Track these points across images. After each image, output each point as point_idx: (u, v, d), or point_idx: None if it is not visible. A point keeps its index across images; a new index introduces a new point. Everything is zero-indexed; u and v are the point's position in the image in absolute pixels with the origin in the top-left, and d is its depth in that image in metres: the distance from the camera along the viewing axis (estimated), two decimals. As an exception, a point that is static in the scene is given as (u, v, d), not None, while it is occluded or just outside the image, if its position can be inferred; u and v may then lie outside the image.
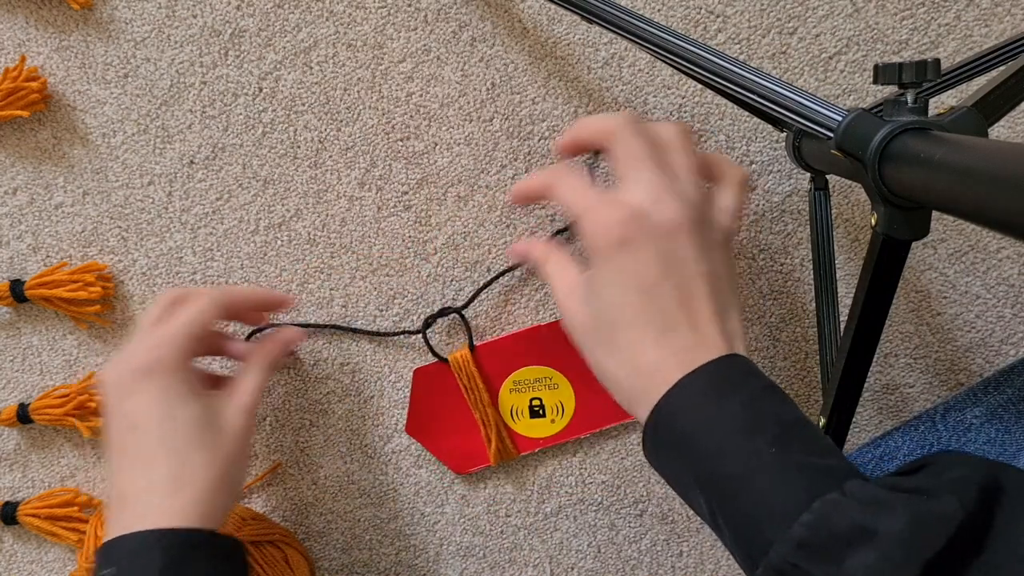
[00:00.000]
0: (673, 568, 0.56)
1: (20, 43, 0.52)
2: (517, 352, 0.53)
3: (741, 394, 0.34)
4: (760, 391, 0.35)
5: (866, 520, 0.29)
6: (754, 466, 0.32)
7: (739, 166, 0.42)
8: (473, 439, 0.54)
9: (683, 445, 0.35)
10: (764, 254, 0.53)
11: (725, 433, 0.33)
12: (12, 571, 0.56)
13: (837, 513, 0.30)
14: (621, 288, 0.37)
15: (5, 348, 0.55)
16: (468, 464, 0.54)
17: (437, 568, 0.56)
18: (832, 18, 0.51)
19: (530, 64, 0.52)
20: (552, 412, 0.53)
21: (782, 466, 0.32)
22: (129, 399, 0.42)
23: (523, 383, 0.53)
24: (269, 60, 0.51)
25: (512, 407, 0.53)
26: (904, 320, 0.54)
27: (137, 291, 0.54)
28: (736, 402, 0.34)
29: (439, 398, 0.54)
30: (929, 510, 0.28)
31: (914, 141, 0.32)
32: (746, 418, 0.34)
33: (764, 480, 0.32)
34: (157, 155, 0.53)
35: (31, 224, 0.53)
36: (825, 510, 0.30)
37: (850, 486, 0.31)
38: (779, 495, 0.31)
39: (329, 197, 0.53)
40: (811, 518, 0.30)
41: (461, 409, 0.53)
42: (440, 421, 0.54)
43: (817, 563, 0.29)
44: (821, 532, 0.29)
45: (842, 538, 0.29)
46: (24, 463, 0.56)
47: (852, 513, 0.29)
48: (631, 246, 0.37)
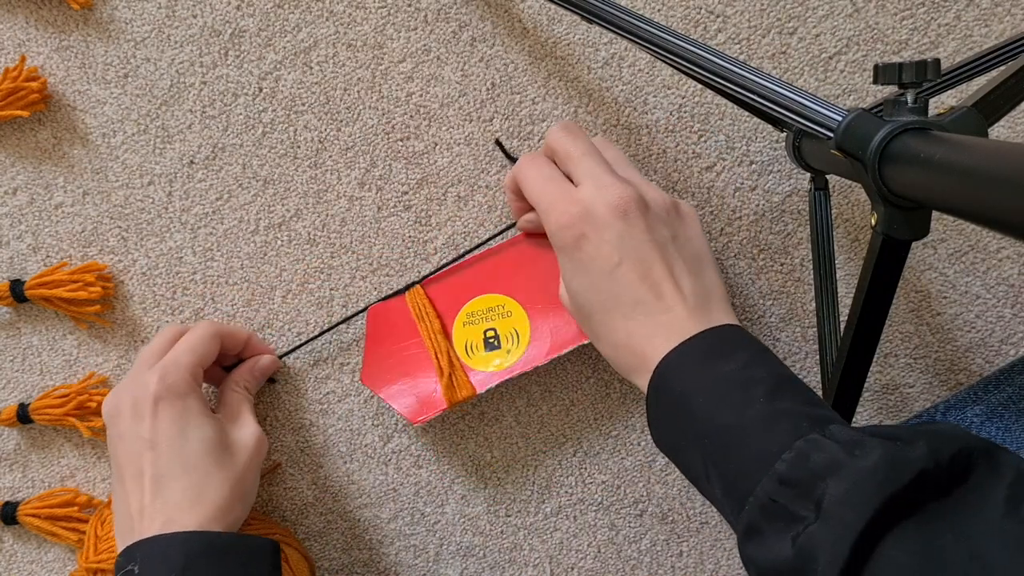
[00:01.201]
0: (673, 568, 0.56)
1: (20, 43, 0.52)
2: (468, 283, 0.52)
3: (736, 355, 0.37)
4: (754, 353, 0.37)
5: (840, 457, 0.30)
6: (746, 415, 0.34)
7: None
8: (426, 381, 0.52)
9: (680, 404, 0.37)
10: (764, 254, 0.53)
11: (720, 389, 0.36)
12: (12, 571, 0.56)
13: (816, 451, 0.31)
14: (585, 278, 0.41)
15: (5, 348, 0.55)
16: (423, 411, 0.51)
17: (437, 568, 0.56)
18: (832, 18, 0.51)
19: (530, 64, 0.52)
20: (507, 341, 0.52)
21: (772, 413, 0.34)
22: (143, 422, 0.44)
23: (476, 315, 0.52)
24: (269, 60, 0.51)
25: (467, 342, 0.52)
26: (904, 320, 0.54)
27: (137, 291, 0.54)
28: (731, 362, 0.37)
29: (393, 336, 0.52)
30: (899, 451, 0.30)
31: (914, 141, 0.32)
32: (740, 375, 0.36)
33: (755, 427, 0.34)
34: (157, 155, 0.53)
35: (31, 224, 0.53)
36: (806, 448, 0.32)
37: (832, 429, 0.32)
38: (767, 439, 0.33)
39: (329, 197, 0.53)
40: (792, 455, 0.32)
41: (414, 346, 0.52)
42: (394, 364, 0.52)
43: (796, 499, 0.31)
44: (800, 468, 0.31)
45: (818, 473, 0.30)
46: (24, 463, 0.56)
47: (829, 451, 0.31)
48: (585, 240, 0.41)
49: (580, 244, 0.41)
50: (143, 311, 0.54)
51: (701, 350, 0.38)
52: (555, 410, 0.55)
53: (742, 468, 0.33)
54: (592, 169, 0.42)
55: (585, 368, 0.54)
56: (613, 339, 0.41)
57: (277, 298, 0.53)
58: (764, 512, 0.32)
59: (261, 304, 0.54)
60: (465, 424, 0.55)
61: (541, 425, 0.55)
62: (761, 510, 0.32)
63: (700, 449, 0.36)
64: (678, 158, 0.52)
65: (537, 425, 0.55)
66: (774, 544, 0.31)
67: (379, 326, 0.52)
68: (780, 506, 0.31)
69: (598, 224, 0.40)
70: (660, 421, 0.39)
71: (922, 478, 0.28)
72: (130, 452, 0.44)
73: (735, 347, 0.38)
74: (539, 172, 0.44)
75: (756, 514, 0.32)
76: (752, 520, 0.32)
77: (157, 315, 0.54)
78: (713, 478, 0.35)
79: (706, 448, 0.35)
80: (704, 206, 0.53)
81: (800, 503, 0.30)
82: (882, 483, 0.28)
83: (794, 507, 0.30)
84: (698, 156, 0.52)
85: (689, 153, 0.52)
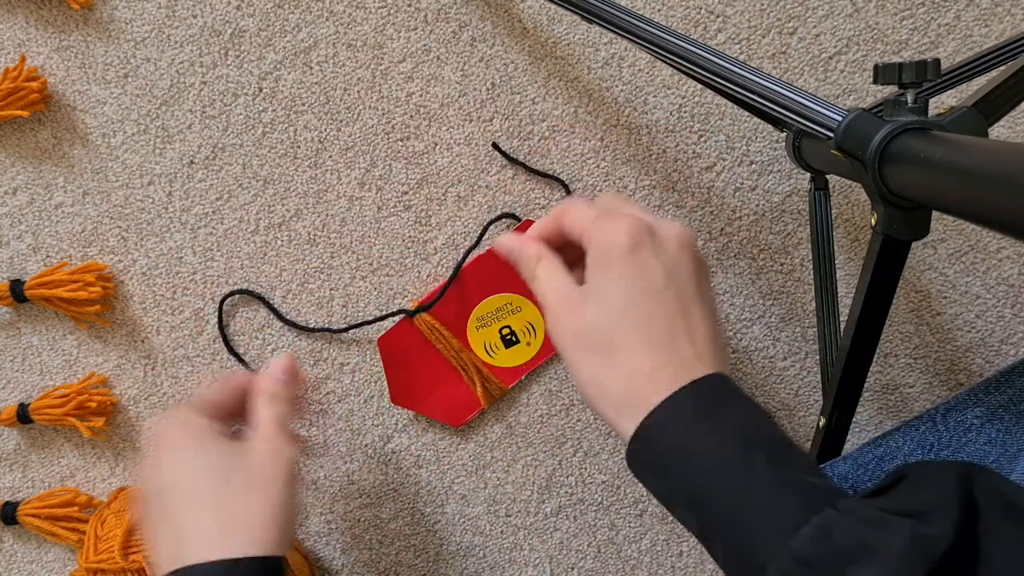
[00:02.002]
0: (673, 568, 0.56)
1: (20, 43, 0.52)
2: (467, 292, 0.53)
3: (733, 412, 0.35)
4: (750, 410, 0.35)
5: (867, 537, 0.29)
6: (749, 481, 0.32)
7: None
8: (458, 388, 0.53)
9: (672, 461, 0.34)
10: (764, 254, 0.53)
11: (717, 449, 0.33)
12: (12, 571, 0.56)
13: (838, 529, 0.30)
14: (626, 294, 0.37)
15: (5, 348, 0.55)
16: (462, 414, 0.54)
17: (437, 568, 0.56)
18: (832, 18, 0.51)
19: (530, 64, 0.52)
20: (525, 335, 0.53)
21: (777, 482, 0.32)
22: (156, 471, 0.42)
23: (486, 317, 0.53)
24: (269, 60, 0.51)
25: (485, 343, 0.53)
26: (904, 320, 0.54)
27: (137, 291, 0.54)
28: (728, 419, 0.34)
29: (412, 359, 0.53)
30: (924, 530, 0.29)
31: (914, 141, 0.32)
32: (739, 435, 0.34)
33: (761, 495, 0.32)
34: (157, 155, 0.52)
35: (31, 224, 0.53)
36: (826, 525, 0.30)
37: (844, 504, 0.31)
38: (776, 510, 0.31)
39: (329, 197, 0.53)
40: (811, 532, 0.30)
41: (437, 363, 0.53)
42: (421, 381, 0.53)
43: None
44: (821, 547, 0.29)
45: (843, 554, 0.29)
46: (24, 463, 0.56)
47: (853, 530, 0.29)
48: (639, 253, 0.37)
49: (635, 255, 0.37)
50: (143, 311, 0.54)
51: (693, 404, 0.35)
52: (555, 410, 0.55)
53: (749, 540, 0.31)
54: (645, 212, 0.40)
55: (585, 368, 0.54)
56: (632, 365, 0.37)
57: (277, 298, 0.53)
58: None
59: (261, 304, 0.54)
60: (465, 424, 0.55)
61: (541, 425, 0.55)
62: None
63: (694, 512, 0.34)
64: (678, 158, 0.52)
65: (537, 425, 0.55)
66: None
67: (393, 353, 0.53)
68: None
69: (658, 242, 0.38)
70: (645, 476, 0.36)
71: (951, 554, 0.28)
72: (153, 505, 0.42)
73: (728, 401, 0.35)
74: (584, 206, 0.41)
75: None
76: None
77: (157, 315, 0.54)
78: (713, 541, 0.33)
79: (703, 512, 0.33)
80: (704, 206, 0.53)
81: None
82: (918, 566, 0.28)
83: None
84: (698, 156, 0.52)
85: (689, 153, 0.52)
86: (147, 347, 0.54)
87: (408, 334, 0.53)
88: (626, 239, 0.38)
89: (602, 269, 0.38)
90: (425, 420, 0.55)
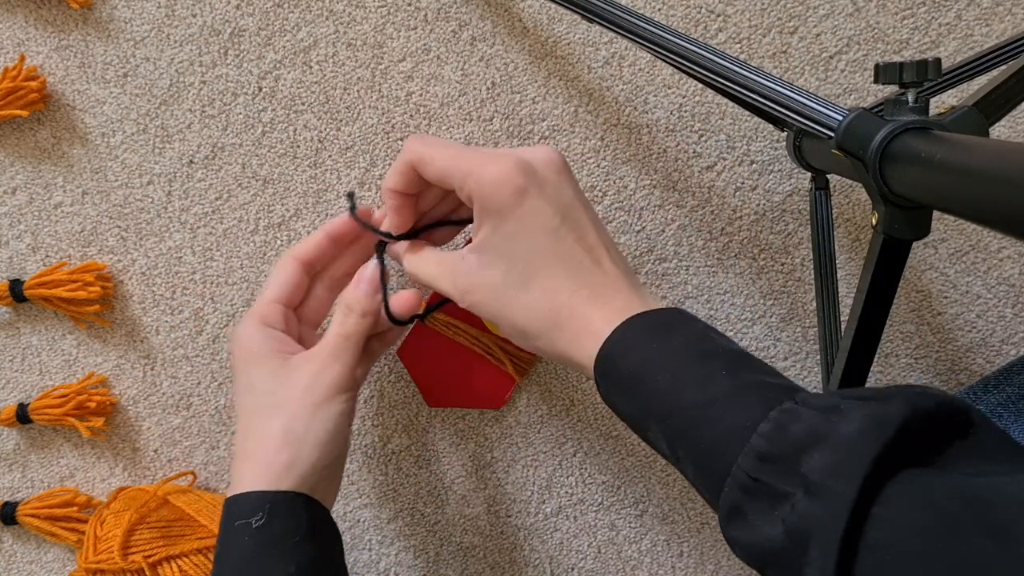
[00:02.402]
0: (673, 568, 0.56)
1: (20, 42, 0.51)
2: None
3: (685, 331, 0.36)
4: (703, 329, 0.36)
5: (820, 424, 0.29)
6: (710, 391, 0.33)
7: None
8: (489, 372, 0.53)
9: (635, 384, 0.35)
10: (764, 254, 0.53)
11: (676, 366, 0.34)
12: (12, 571, 0.56)
13: (793, 421, 0.30)
14: (527, 237, 0.38)
15: (4, 348, 0.55)
16: (501, 394, 0.53)
17: (437, 568, 0.56)
18: (833, 17, 0.51)
19: (530, 64, 0.51)
20: None
21: (737, 386, 0.33)
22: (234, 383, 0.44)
23: None
24: (269, 59, 0.51)
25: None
26: (904, 320, 0.54)
27: (137, 291, 0.54)
28: (681, 338, 0.35)
29: (436, 360, 0.53)
30: (879, 409, 0.28)
31: (915, 141, 0.32)
32: (695, 350, 0.34)
33: (722, 403, 0.32)
34: (156, 155, 0.52)
35: (30, 224, 0.53)
36: (782, 419, 0.30)
37: (803, 396, 0.31)
38: (737, 413, 0.32)
39: (329, 197, 0.53)
40: (768, 428, 0.30)
41: (461, 355, 0.53)
42: (452, 378, 0.53)
43: (778, 475, 0.29)
44: (779, 441, 0.29)
45: (799, 445, 0.29)
46: (23, 463, 0.56)
47: (807, 420, 0.29)
48: (527, 194, 0.38)
49: (521, 200, 0.38)
50: (143, 311, 0.54)
51: (651, 326, 0.36)
52: (555, 410, 0.55)
53: (714, 446, 0.32)
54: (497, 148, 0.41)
55: (585, 368, 0.54)
56: (555, 303, 0.38)
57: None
58: (745, 492, 0.30)
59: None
60: (465, 424, 0.55)
61: (541, 425, 0.55)
62: (742, 490, 0.30)
63: (663, 429, 0.34)
64: (679, 158, 0.52)
65: (537, 425, 0.55)
66: (761, 526, 0.29)
67: (416, 360, 0.53)
68: (762, 484, 0.29)
69: (538, 178, 0.38)
70: (615, 400, 0.37)
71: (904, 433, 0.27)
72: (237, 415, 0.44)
73: (684, 322, 0.36)
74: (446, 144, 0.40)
75: (737, 495, 0.30)
76: (733, 502, 0.31)
77: (156, 315, 0.54)
78: (683, 458, 0.34)
79: (670, 427, 0.34)
80: (704, 206, 0.53)
81: (783, 479, 0.29)
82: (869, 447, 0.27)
83: (777, 484, 0.29)
84: (699, 156, 0.52)
85: (690, 152, 0.52)
86: (147, 347, 0.54)
87: (425, 337, 0.53)
88: (507, 188, 0.38)
89: (491, 224, 0.39)
90: (425, 420, 0.55)
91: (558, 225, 0.38)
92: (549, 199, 0.38)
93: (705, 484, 0.33)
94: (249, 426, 0.42)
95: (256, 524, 0.39)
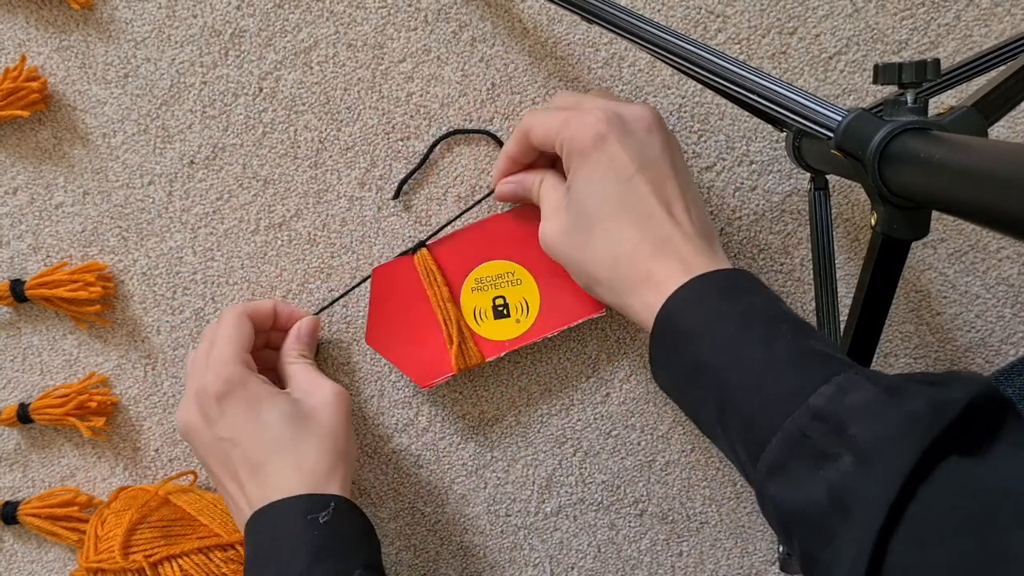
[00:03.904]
0: (673, 568, 0.56)
1: (20, 43, 0.52)
2: (477, 247, 0.51)
3: (751, 295, 0.36)
4: (769, 295, 0.37)
5: (882, 399, 0.29)
6: (773, 350, 0.33)
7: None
8: (436, 345, 0.51)
9: (693, 340, 0.36)
10: (764, 254, 0.53)
11: (741, 325, 0.35)
12: (12, 571, 0.56)
13: (855, 389, 0.30)
14: (599, 182, 0.40)
15: (5, 348, 0.55)
16: (431, 374, 0.51)
17: (437, 568, 0.56)
18: (832, 18, 0.51)
19: (530, 64, 0.52)
20: (517, 311, 0.51)
21: (802, 351, 0.33)
22: (217, 424, 0.44)
23: (485, 281, 0.51)
24: (269, 60, 0.51)
25: (475, 308, 0.51)
26: (904, 320, 0.54)
27: (137, 291, 0.54)
28: (749, 302, 0.36)
29: (399, 300, 0.52)
30: (943, 395, 0.29)
31: (914, 141, 0.32)
32: (760, 313, 0.35)
33: (784, 364, 0.33)
34: (157, 155, 0.53)
35: (31, 224, 0.53)
36: (845, 385, 0.30)
37: (863, 370, 0.31)
38: (800, 375, 0.32)
39: (329, 197, 0.53)
40: (830, 389, 0.30)
41: (422, 312, 0.51)
42: (401, 327, 0.52)
43: (828, 435, 0.29)
44: (837, 404, 0.30)
45: (857, 412, 0.29)
46: (24, 463, 0.56)
47: (869, 392, 0.30)
48: (607, 141, 0.40)
49: (600, 145, 0.40)
50: (143, 311, 0.54)
51: (718, 286, 0.37)
52: (555, 410, 0.55)
53: (771, 403, 0.32)
54: (608, 98, 0.42)
55: (586, 368, 0.54)
56: (617, 250, 0.39)
57: (277, 298, 0.53)
58: (793, 447, 0.30)
59: (261, 304, 0.54)
60: (465, 424, 0.55)
61: (541, 425, 0.55)
62: (790, 445, 0.30)
63: (716, 387, 0.34)
64: (678, 158, 0.52)
65: (537, 425, 0.55)
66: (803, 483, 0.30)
67: (384, 287, 0.52)
68: (810, 441, 0.30)
69: (621, 129, 0.40)
70: (667, 358, 0.37)
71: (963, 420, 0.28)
72: (218, 458, 0.44)
73: (752, 287, 0.37)
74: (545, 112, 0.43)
75: (784, 449, 0.31)
76: (778, 456, 0.31)
77: (157, 315, 0.54)
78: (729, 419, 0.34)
79: (725, 386, 0.34)
80: (704, 206, 0.53)
81: (832, 440, 0.29)
82: (931, 426, 0.28)
83: (825, 444, 0.29)
84: (698, 156, 0.52)
85: (689, 153, 0.52)
86: (147, 347, 0.54)
87: (405, 272, 0.51)
88: (589, 134, 0.40)
89: (574, 168, 0.41)
90: (425, 420, 0.55)
91: (632, 174, 0.39)
92: (629, 149, 0.40)
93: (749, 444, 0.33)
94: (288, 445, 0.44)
95: (324, 519, 0.41)
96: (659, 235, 0.39)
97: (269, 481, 0.43)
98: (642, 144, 0.40)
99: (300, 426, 0.44)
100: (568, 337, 0.54)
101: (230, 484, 0.44)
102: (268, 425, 0.44)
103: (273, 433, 0.43)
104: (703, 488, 0.56)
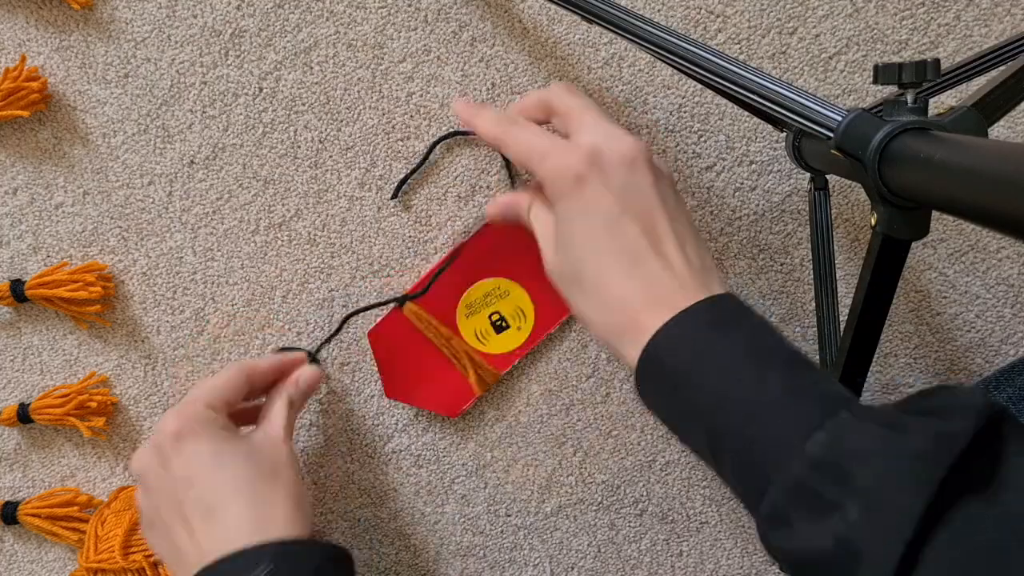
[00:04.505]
0: (673, 568, 0.56)
1: (20, 43, 0.52)
2: (458, 279, 0.52)
3: (742, 328, 0.35)
4: (758, 325, 0.35)
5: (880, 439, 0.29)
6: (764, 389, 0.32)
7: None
8: (452, 378, 0.53)
9: (682, 378, 0.34)
10: (764, 254, 0.53)
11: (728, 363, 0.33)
12: (12, 571, 0.56)
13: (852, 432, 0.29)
14: (584, 225, 0.38)
15: (5, 348, 0.55)
16: (458, 404, 0.53)
17: (437, 568, 0.56)
18: (832, 18, 0.51)
19: (530, 64, 0.52)
20: (515, 320, 0.52)
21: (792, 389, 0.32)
22: (172, 463, 0.42)
23: (475, 304, 0.52)
24: (269, 60, 0.51)
25: (475, 330, 0.52)
26: (904, 320, 0.54)
27: (137, 291, 0.54)
28: (738, 335, 0.34)
29: (403, 351, 0.53)
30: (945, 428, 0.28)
31: (914, 141, 0.32)
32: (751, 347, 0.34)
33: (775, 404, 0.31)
34: (157, 155, 0.53)
35: (31, 224, 0.53)
36: (839, 430, 0.30)
37: (859, 408, 0.31)
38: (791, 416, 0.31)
39: (329, 197, 0.53)
40: (825, 436, 0.29)
41: (429, 353, 0.52)
42: (414, 373, 0.53)
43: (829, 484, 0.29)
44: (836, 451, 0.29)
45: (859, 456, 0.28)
46: (24, 463, 0.56)
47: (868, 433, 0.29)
48: (588, 183, 0.38)
49: (581, 188, 0.38)
50: (143, 311, 0.54)
51: (705, 320, 0.35)
52: (555, 410, 0.55)
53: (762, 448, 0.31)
54: (598, 120, 0.40)
55: (585, 368, 0.54)
56: (605, 297, 0.38)
57: (277, 298, 0.54)
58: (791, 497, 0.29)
59: (261, 304, 0.54)
60: (465, 424, 0.55)
61: (541, 425, 0.55)
62: (788, 495, 0.30)
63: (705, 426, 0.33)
64: (678, 158, 0.52)
65: (537, 425, 0.55)
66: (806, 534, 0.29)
67: (384, 345, 0.53)
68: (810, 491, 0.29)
69: (603, 169, 0.38)
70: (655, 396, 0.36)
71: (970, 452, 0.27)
72: (168, 498, 0.41)
73: (740, 317, 0.35)
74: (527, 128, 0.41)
75: (781, 499, 0.30)
76: (777, 506, 0.30)
77: (157, 315, 0.54)
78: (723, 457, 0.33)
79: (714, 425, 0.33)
80: (704, 206, 0.53)
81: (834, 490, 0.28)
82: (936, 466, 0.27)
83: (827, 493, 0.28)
84: (698, 156, 0.52)
85: (689, 153, 0.52)
86: (147, 347, 0.54)
87: (398, 325, 0.52)
88: (569, 175, 0.38)
89: (560, 204, 0.40)
90: (425, 420, 0.55)
91: (618, 215, 0.38)
92: (613, 189, 0.38)
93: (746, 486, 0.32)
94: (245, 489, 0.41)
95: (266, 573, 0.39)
96: (648, 280, 0.37)
97: (221, 528, 0.40)
98: (625, 183, 0.38)
99: (263, 470, 0.42)
100: (568, 337, 0.54)
101: (179, 533, 0.41)
102: (228, 466, 0.41)
103: (232, 474, 0.41)
104: (703, 488, 0.56)
